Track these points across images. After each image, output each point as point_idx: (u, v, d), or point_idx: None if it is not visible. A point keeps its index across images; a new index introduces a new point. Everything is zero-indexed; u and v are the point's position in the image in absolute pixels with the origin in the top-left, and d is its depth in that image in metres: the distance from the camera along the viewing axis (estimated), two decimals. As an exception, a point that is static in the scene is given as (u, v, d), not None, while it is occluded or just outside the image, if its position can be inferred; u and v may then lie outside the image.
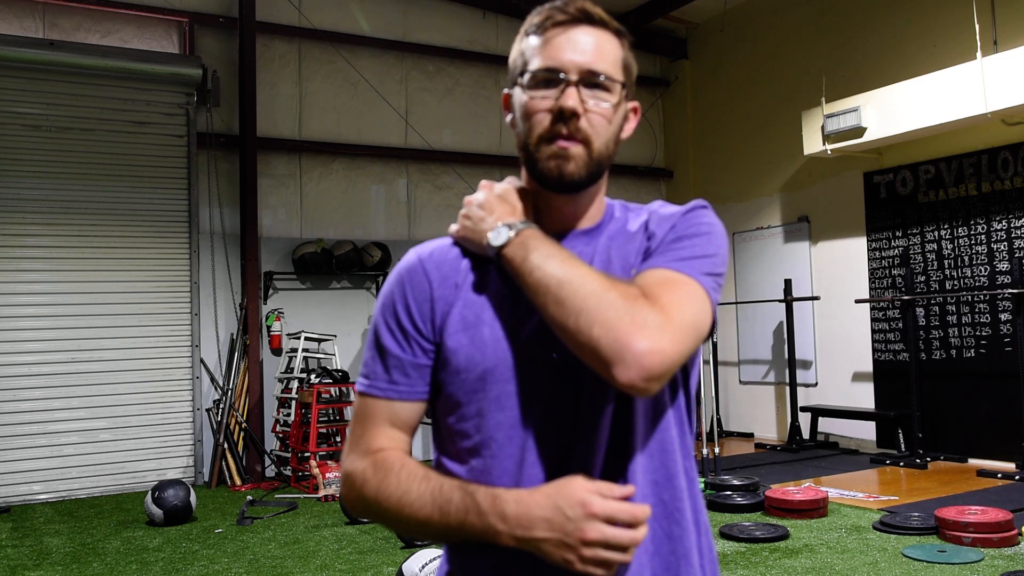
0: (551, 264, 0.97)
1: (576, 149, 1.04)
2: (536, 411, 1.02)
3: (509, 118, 1.13)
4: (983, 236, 6.90)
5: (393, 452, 1.07)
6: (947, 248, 7.16)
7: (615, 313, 0.91)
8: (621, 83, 1.07)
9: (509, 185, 1.13)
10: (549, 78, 1.04)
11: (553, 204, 1.10)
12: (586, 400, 1.01)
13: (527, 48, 1.08)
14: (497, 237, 1.03)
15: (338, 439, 7.39)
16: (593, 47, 1.05)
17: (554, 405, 1.02)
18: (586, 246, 1.09)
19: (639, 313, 0.92)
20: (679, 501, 1.04)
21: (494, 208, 1.08)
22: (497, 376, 1.03)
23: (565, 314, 0.94)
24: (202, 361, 7.49)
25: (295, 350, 7.54)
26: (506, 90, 1.13)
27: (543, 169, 1.06)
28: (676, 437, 1.06)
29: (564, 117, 1.03)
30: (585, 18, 1.06)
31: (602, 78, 1.04)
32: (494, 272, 1.08)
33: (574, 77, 1.03)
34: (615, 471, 1.01)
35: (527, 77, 1.06)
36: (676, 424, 1.07)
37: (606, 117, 1.05)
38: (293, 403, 7.30)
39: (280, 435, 7.55)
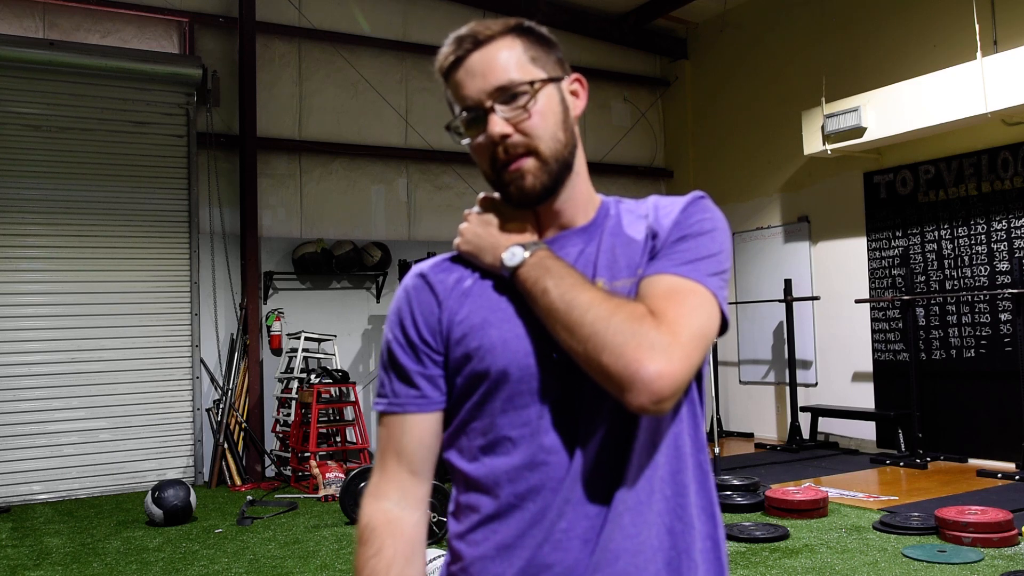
0: (561, 287, 0.99)
1: (526, 163, 1.06)
2: (545, 410, 1.04)
3: None
4: (983, 236, 6.90)
5: (382, 528, 1.10)
6: (947, 248, 7.16)
7: (622, 339, 0.93)
8: (529, 81, 1.06)
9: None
10: (473, 116, 1.07)
11: (539, 211, 1.12)
12: (588, 397, 1.03)
13: (448, 97, 1.11)
14: (512, 258, 1.05)
15: (338, 439, 7.40)
16: (489, 67, 1.06)
17: (559, 404, 1.04)
18: (586, 244, 1.10)
19: (646, 336, 0.93)
20: (684, 497, 1.05)
21: (503, 225, 1.11)
22: (506, 377, 1.04)
23: (575, 340, 0.96)
24: (202, 361, 7.49)
25: (295, 350, 7.54)
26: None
27: (509, 195, 1.09)
28: (687, 431, 1.07)
29: (498, 144, 1.05)
30: (475, 45, 1.07)
31: (511, 88, 1.05)
32: (499, 278, 1.09)
33: (488, 103, 1.05)
34: (619, 465, 1.02)
35: (457, 126, 1.09)
36: (689, 418, 1.08)
37: (537, 115, 1.06)
38: (293, 403, 7.30)
39: (280, 435, 7.55)
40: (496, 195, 1.15)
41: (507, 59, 1.06)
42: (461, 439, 1.09)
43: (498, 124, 1.04)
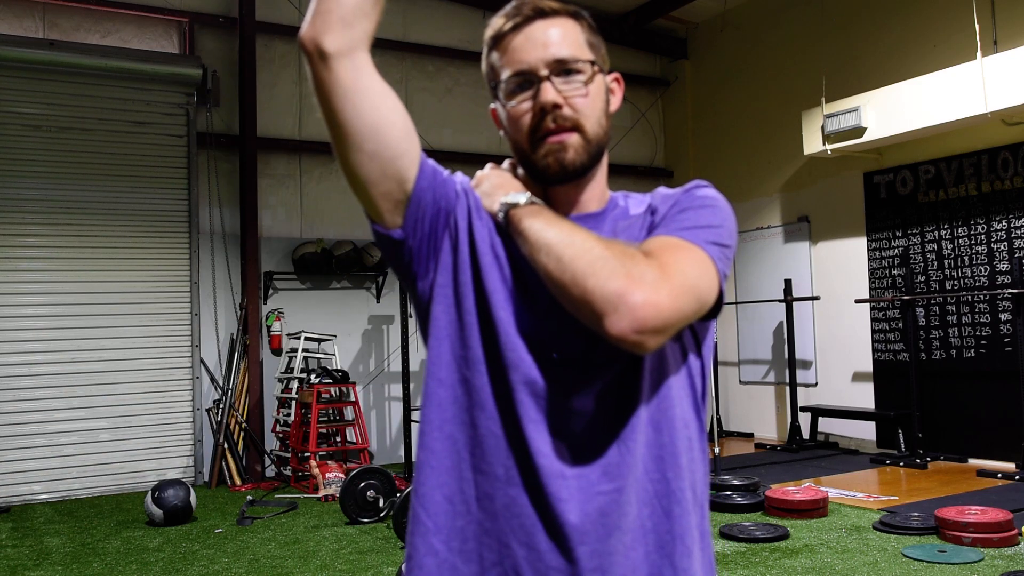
0: (554, 228, 0.99)
1: (571, 138, 1.06)
2: (540, 379, 1.03)
3: (502, 133, 1.15)
4: (983, 236, 6.90)
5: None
6: (947, 248, 7.16)
7: (612, 266, 0.92)
8: (590, 61, 1.08)
9: (522, 172, 1.16)
10: (522, 81, 1.07)
11: (558, 192, 1.12)
12: (580, 374, 1.02)
13: (495, 61, 1.11)
14: (514, 198, 1.05)
15: (338, 439, 7.39)
16: (553, 38, 1.07)
17: (547, 380, 1.03)
18: (592, 229, 1.10)
19: (636, 267, 0.92)
20: (681, 480, 1.04)
21: (514, 182, 1.12)
22: (492, 345, 1.05)
23: (562, 269, 0.94)
24: (202, 361, 7.49)
25: (295, 350, 7.54)
26: (492, 105, 1.16)
27: (543, 167, 1.08)
28: (685, 414, 1.06)
29: (547, 112, 1.05)
30: (537, 14, 1.08)
31: (570, 63, 1.06)
32: (498, 236, 1.09)
33: (544, 72, 1.06)
34: (613, 442, 1.01)
35: (502, 89, 1.09)
36: (688, 404, 1.07)
37: (588, 97, 1.07)
38: (293, 403, 7.30)
39: (280, 435, 7.55)
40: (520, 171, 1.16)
41: (569, 36, 1.08)
42: (445, 414, 1.06)
43: (551, 92, 1.05)
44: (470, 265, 1.06)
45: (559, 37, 1.07)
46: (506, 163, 1.18)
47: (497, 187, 1.10)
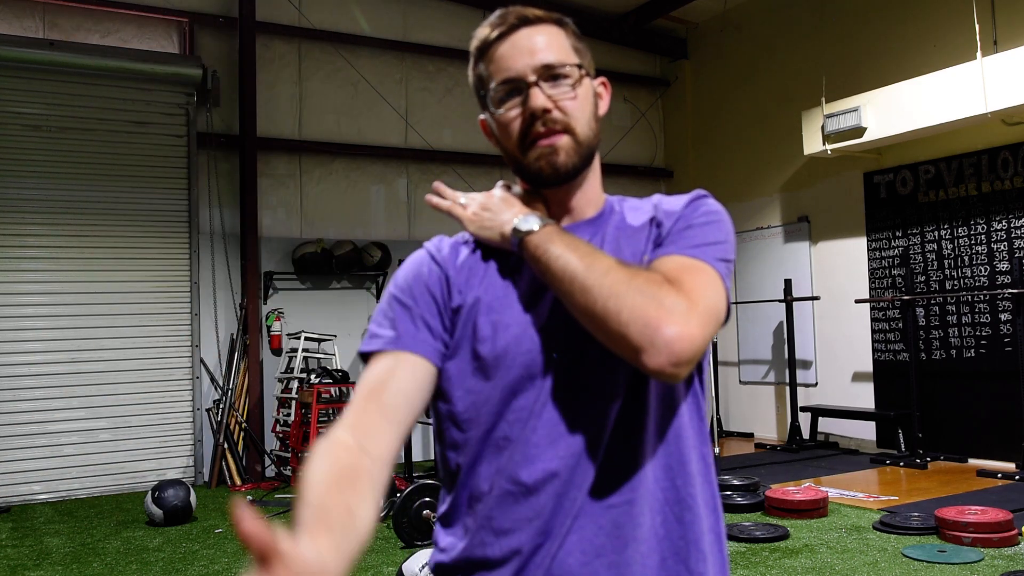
0: (576, 253, 0.99)
1: (561, 140, 1.07)
2: (548, 399, 1.03)
3: (492, 143, 1.15)
4: (983, 236, 6.90)
5: (344, 447, 0.94)
6: (947, 248, 7.16)
7: (643, 299, 0.92)
8: (576, 64, 1.09)
9: (518, 187, 1.16)
10: (511, 89, 1.07)
11: (553, 198, 1.13)
12: (592, 389, 1.02)
13: (482, 71, 1.11)
14: (525, 223, 1.05)
15: (338, 439, 7.38)
16: (539, 44, 1.08)
17: (560, 397, 1.03)
18: (592, 236, 1.11)
19: (666, 298, 0.93)
20: (691, 487, 1.05)
21: (515, 203, 1.11)
22: (507, 365, 1.04)
23: (592, 301, 0.94)
24: (202, 361, 7.49)
25: (295, 350, 7.54)
26: (481, 116, 1.16)
27: (535, 170, 1.09)
28: (690, 422, 1.07)
29: (537, 117, 1.06)
30: (522, 22, 1.09)
31: (557, 68, 1.07)
32: (505, 267, 1.09)
33: (532, 78, 1.06)
34: (625, 455, 1.02)
35: (491, 98, 1.09)
36: (691, 410, 1.08)
37: (576, 100, 1.08)
38: (293, 403, 7.30)
39: (280, 435, 7.55)
40: (516, 187, 1.16)
41: (555, 42, 1.09)
42: (454, 432, 1.08)
43: (540, 98, 1.06)
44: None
45: (545, 43, 1.08)
46: (498, 185, 1.17)
47: (504, 208, 1.10)
